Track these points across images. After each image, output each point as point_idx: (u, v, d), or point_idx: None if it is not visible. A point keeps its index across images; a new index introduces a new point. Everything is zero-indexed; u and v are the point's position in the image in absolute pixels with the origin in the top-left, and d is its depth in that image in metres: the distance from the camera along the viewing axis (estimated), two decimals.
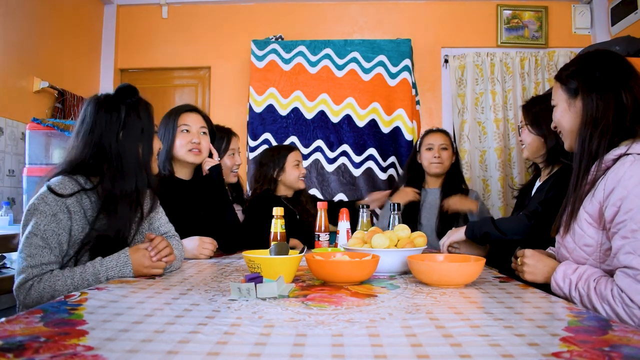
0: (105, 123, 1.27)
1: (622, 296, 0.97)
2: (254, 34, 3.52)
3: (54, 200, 1.19)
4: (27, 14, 2.94)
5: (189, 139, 1.80)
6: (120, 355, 0.62)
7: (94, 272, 1.18)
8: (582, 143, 1.13)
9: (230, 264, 1.55)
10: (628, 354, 0.62)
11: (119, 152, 1.27)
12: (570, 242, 1.16)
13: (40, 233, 1.16)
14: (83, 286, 1.15)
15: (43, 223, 1.17)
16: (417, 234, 1.41)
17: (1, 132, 2.71)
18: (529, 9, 3.66)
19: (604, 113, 1.10)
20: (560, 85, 1.21)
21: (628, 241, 1.00)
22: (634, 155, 1.04)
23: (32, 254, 1.15)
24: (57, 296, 1.12)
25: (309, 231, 2.02)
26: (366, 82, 3.22)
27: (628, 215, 1.00)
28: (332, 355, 0.64)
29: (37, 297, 1.14)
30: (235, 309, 0.89)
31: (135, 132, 1.30)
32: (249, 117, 3.30)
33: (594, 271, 1.09)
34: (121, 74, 3.87)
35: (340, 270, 1.15)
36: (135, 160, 1.29)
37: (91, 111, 1.30)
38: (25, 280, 1.14)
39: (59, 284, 1.14)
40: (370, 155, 3.16)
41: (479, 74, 3.59)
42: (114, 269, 1.19)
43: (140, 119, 1.31)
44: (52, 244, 1.17)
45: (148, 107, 1.36)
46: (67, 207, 1.20)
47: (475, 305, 0.96)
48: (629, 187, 1.01)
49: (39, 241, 1.16)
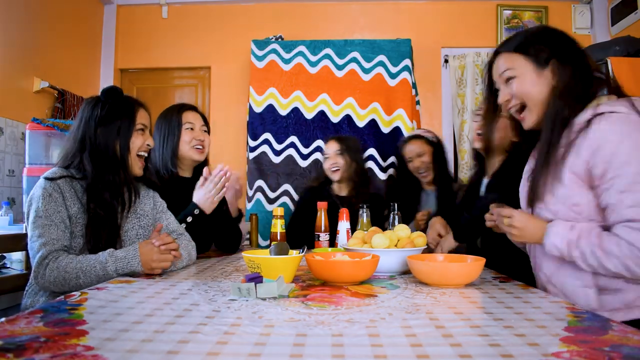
0: (87, 120, 1.40)
1: (632, 249, 0.99)
2: (254, 34, 3.52)
3: (46, 183, 1.31)
4: (27, 14, 2.94)
5: (193, 136, 1.83)
6: (120, 355, 0.62)
7: (102, 260, 1.23)
8: (555, 112, 1.15)
9: (230, 264, 1.55)
10: (628, 354, 0.62)
11: (97, 147, 1.37)
12: (555, 204, 1.14)
13: (42, 213, 1.27)
14: (90, 273, 1.21)
15: (42, 204, 1.28)
16: (417, 234, 1.41)
17: (1, 132, 2.71)
18: (529, 9, 3.66)
19: (575, 80, 1.14)
20: (525, 56, 1.20)
21: (627, 195, 1.01)
22: (609, 113, 1.07)
23: (41, 234, 1.26)
24: (67, 279, 1.21)
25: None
26: (366, 82, 3.22)
27: (622, 170, 1.02)
28: (332, 355, 0.64)
29: (50, 278, 1.22)
30: (235, 309, 0.89)
31: (112, 130, 1.39)
32: (249, 117, 3.30)
33: (592, 226, 1.08)
34: (121, 74, 3.87)
35: (340, 270, 1.15)
36: (113, 155, 1.39)
37: (80, 110, 1.43)
38: (43, 257, 1.23)
39: (70, 267, 1.22)
40: (370, 155, 3.15)
41: (479, 74, 3.59)
42: (122, 260, 1.23)
43: (119, 119, 1.41)
44: (56, 221, 1.27)
45: (134, 108, 1.45)
46: (59, 187, 1.31)
47: (475, 305, 0.96)
48: (615, 142, 1.03)
49: (44, 221, 1.26)
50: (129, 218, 1.44)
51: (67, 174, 1.34)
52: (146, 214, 1.49)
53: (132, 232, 1.43)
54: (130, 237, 1.42)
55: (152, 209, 1.53)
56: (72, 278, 1.21)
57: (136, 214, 1.46)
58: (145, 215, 1.48)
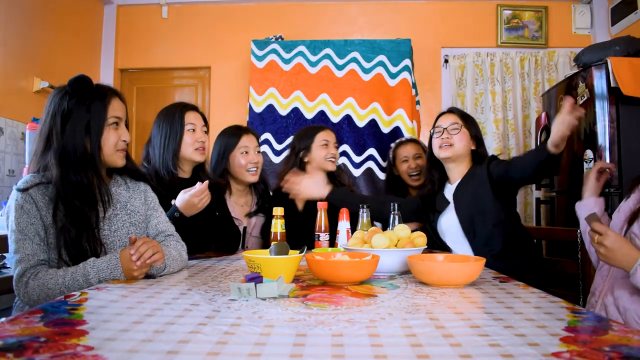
0: (53, 115, 1.25)
1: None
2: (254, 34, 3.52)
3: (18, 195, 1.22)
4: (27, 14, 2.94)
5: (195, 138, 1.82)
6: (120, 355, 0.62)
7: (84, 272, 1.16)
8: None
9: (230, 264, 1.55)
10: (628, 354, 0.62)
11: (64, 145, 1.23)
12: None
13: (17, 227, 1.20)
14: (74, 287, 1.15)
15: (16, 218, 1.20)
16: (417, 234, 1.41)
17: (1, 132, 2.71)
18: (529, 9, 3.66)
19: None
20: None
21: None
22: None
23: (17, 249, 1.18)
24: (52, 295, 1.14)
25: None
26: (366, 82, 3.22)
27: None
28: (332, 355, 0.64)
29: (34, 295, 1.15)
30: (235, 309, 0.89)
31: (80, 125, 1.25)
32: (249, 117, 3.30)
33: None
34: (121, 74, 3.87)
35: (340, 270, 1.15)
36: (82, 154, 1.25)
37: (47, 103, 1.28)
38: (20, 275, 1.17)
39: (52, 283, 1.15)
40: (370, 155, 3.15)
41: (479, 74, 3.59)
42: (105, 271, 1.17)
43: (88, 112, 1.26)
44: (29, 234, 1.19)
45: (105, 99, 1.29)
46: (32, 198, 1.21)
47: (475, 305, 0.96)
48: None
49: (18, 235, 1.19)
50: (118, 216, 1.34)
51: (38, 181, 1.23)
52: (137, 210, 1.40)
53: (123, 231, 1.34)
54: (121, 237, 1.33)
55: (142, 204, 1.43)
56: (56, 293, 1.14)
57: (126, 210, 1.37)
58: (136, 212, 1.39)
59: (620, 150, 2.38)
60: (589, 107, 2.48)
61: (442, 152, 1.87)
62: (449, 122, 1.89)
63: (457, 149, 1.86)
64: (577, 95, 2.60)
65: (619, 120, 2.39)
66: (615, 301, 1.23)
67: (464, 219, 1.80)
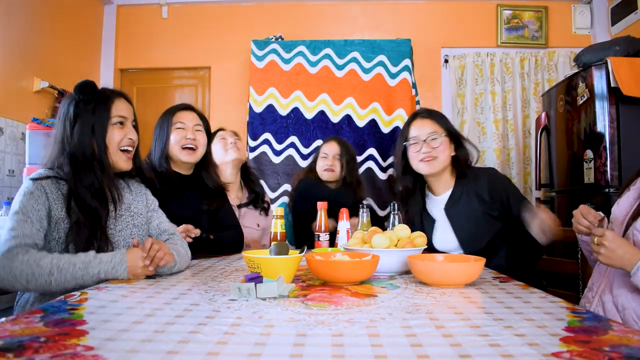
0: (63, 120, 1.34)
1: None
2: (254, 34, 3.52)
3: (30, 183, 1.26)
4: (27, 14, 2.94)
5: (182, 135, 1.79)
6: (120, 355, 0.62)
7: (84, 260, 1.15)
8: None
9: (230, 264, 1.55)
10: (628, 354, 0.62)
11: (74, 148, 1.31)
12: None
13: (20, 210, 1.21)
14: (67, 270, 1.12)
15: (22, 201, 1.23)
16: (417, 234, 1.41)
17: (1, 132, 2.71)
18: (529, 9, 3.66)
19: None
20: None
21: None
22: None
23: (14, 227, 1.19)
24: (38, 274, 1.10)
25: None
26: (366, 82, 3.22)
27: None
28: (332, 355, 0.64)
29: (16, 271, 1.11)
30: (235, 309, 0.89)
31: (87, 128, 1.32)
32: (249, 117, 3.30)
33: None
34: (121, 74, 3.87)
35: (340, 270, 1.15)
36: (91, 155, 1.31)
37: (59, 110, 1.38)
38: (9, 249, 1.14)
39: (44, 262, 1.12)
40: (370, 155, 3.16)
41: (479, 74, 3.59)
42: (107, 264, 1.16)
43: (93, 115, 1.33)
44: (32, 218, 1.21)
45: (108, 100, 1.35)
46: (44, 187, 1.25)
47: (475, 305, 0.96)
48: None
49: (20, 216, 1.21)
50: (123, 217, 1.38)
51: (52, 175, 1.28)
52: (139, 212, 1.44)
53: (126, 232, 1.38)
54: (125, 237, 1.36)
55: (144, 206, 1.47)
56: (44, 274, 1.10)
57: (130, 212, 1.41)
58: (139, 214, 1.43)
59: (620, 150, 2.38)
60: (589, 107, 2.49)
61: (425, 167, 1.73)
62: (426, 132, 1.73)
63: (442, 160, 1.72)
64: (577, 95, 2.60)
65: (619, 120, 2.39)
66: (613, 299, 1.23)
67: (463, 239, 1.71)
